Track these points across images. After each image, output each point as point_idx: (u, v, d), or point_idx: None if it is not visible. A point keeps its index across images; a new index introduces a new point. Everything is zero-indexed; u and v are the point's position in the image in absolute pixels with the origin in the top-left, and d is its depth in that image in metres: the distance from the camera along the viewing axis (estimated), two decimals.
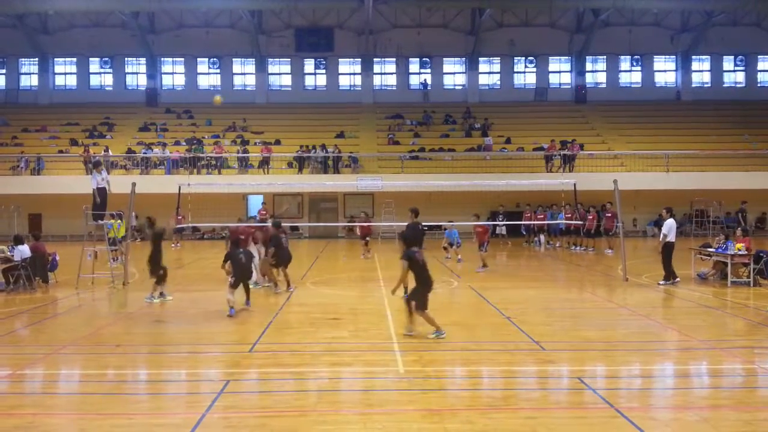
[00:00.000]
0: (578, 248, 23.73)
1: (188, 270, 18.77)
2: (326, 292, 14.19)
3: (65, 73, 38.72)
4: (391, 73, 38.90)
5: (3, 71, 38.51)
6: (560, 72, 39.07)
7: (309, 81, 38.95)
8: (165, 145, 32.22)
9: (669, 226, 14.68)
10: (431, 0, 35.19)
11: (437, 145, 33.27)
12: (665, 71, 39.14)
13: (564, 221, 22.71)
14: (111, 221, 16.38)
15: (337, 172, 30.27)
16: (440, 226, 22.10)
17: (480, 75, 38.60)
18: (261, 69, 38.13)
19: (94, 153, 29.19)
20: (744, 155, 31.23)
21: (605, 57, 38.76)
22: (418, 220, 12.94)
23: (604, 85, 38.94)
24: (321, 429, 5.91)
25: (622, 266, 15.83)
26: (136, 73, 38.86)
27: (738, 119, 35.22)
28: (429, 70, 38.75)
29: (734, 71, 39.26)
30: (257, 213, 25.04)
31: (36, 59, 37.93)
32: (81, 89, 38.33)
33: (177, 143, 32.84)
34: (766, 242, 23.01)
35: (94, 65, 38.63)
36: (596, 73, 39.14)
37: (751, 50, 38.57)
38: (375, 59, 38.16)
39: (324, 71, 38.68)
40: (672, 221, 14.84)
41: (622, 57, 38.78)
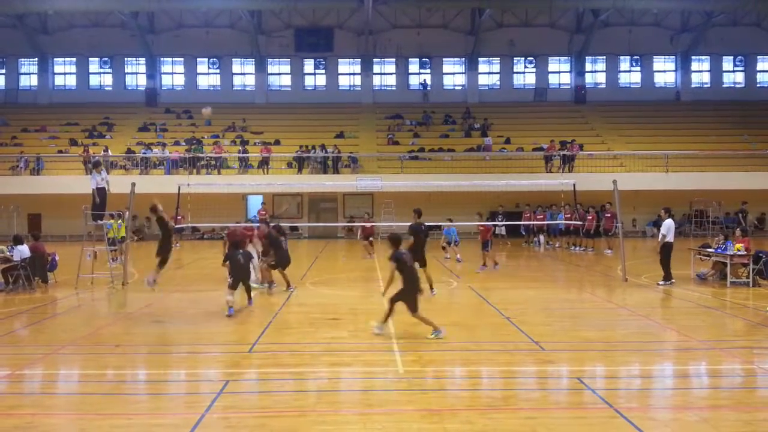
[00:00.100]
0: (578, 248, 23.74)
1: (188, 270, 18.76)
2: (326, 293, 14.18)
3: (65, 73, 38.72)
4: (391, 74, 38.91)
5: (2, 71, 38.51)
6: (560, 72, 39.09)
7: (309, 81, 38.95)
8: (164, 145, 32.24)
9: (668, 227, 14.68)
10: (431, 0, 35.19)
11: (437, 146, 33.28)
12: (665, 71, 39.16)
13: (563, 221, 22.73)
14: (110, 221, 16.38)
15: (337, 173, 30.28)
16: (439, 227, 22.06)
17: (480, 75, 38.61)
18: (261, 69, 38.13)
19: (94, 153, 29.18)
20: (743, 155, 31.23)
21: (605, 57, 38.79)
22: (422, 221, 13.05)
23: (604, 86, 38.97)
24: (320, 429, 5.91)
25: (622, 266, 15.83)
26: (136, 73, 38.87)
27: (737, 119, 35.24)
28: (429, 71, 38.76)
29: (734, 71, 39.29)
30: (257, 213, 25.03)
31: (35, 59, 37.93)
32: (80, 89, 38.33)
33: (176, 143, 32.84)
34: (766, 242, 23.03)
35: (94, 65, 38.64)
36: (596, 74, 39.16)
37: (751, 51, 38.61)
38: (375, 59, 38.18)
39: (324, 71, 38.69)
40: (670, 221, 14.84)
41: (622, 57, 38.81)
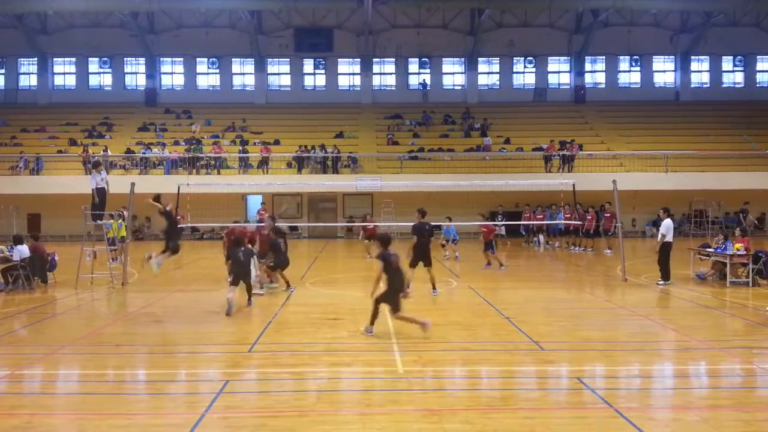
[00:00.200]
0: (577, 248, 23.75)
1: (187, 270, 18.75)
2: (325, 292, 14.19)
3: (64, 73, 38.66)
4: (391, 74, 38.89)
5: (2, 71, 38.43)
6: (559, 72, 39.07)
7: (308, 81, 38.93)
8: (164, 145, 32.22)
9: (667, 227, 14.68)
10: (431, 0, 35.18)
11: (436, 146, 33.27)
12: (664, 71, 39.14)
13: (563, 221, 22.74)
14: (110, 221, 16.38)
15: (336, 173, 30.27)
16: (439, 227, 22.05)
17: (479, 75, 38.59)
18: (260, 69, 38.11)
19: (93, 153, 29.17)
20: (743, 155, 31.20)
21: (604, 57, 38.76)
22: (426, 221, 13.14)
23: (603, 86, 38.94)
24: (320, 429, 5.91)
25: (621, 266, 15.83)
26: (136, 73, 38.82)
27: (737, 120, 35.23)
28: (428, 71, 38.73)
29: (733, 72, 39.28)
30: (256, 213, 25.01)
31: (35, 59, 37.87)
32: (80, 89, 38.27)
33: (176, 143, 32.82)
34: (765, 242, 23.04)
35: (93, 65, 38.58)
36: (595, 74, 39.14)
37: (750, 51, 38.59)
38: (374, 59, 38.15)
39: (323, 71, 38.66)
40: (669, 221, 14.84)
41: (622, 57, 38.79)
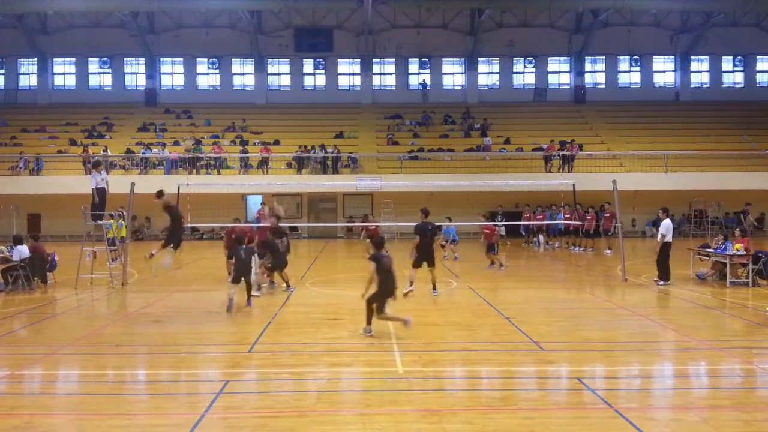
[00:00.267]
0: (577, 248, 23.74)
1: (187, 270, 18.75)
2: (325, 292, 14.19)
3: (64, 73, 38.62)
4: (391, 74, 38.87)
5: (2, 71, 38.39)
6: (559, 72, 39.05)
7: (308, 81, 38.91)
8: (164, 146, 32.21)
9: (666, 227, 14.69)
10: (430, 0, 35.18)
11: (436, 146, 33.26)
12: (664, 72, 39.12)
13: (563, 221, 22.73)
14: (110, 221, 16.37)
15: (336, 173, 30.26)
16: (439, 227, 22.05)
17: (479, 75, 38.57)
18: (260, 69, 38.10)
19: (93, 153, 29.16)
20: (743, 155, 31.19)
21: (604, 57, 38.73)
22: (429, 220, 13.20)
23: (603, 86, 38.92)
24: (320, 429, 5.91)
25: (621, 266, 15.83)
26: (135, 74, 38.79)
27: (737, 120, 35.22)
28: (428, 71, 38.70)
29: (733, 72, 39.26)
30: (256, 213, 24.98)
31: (35, 59, 37.84)
32: (80, 89, 38.24)
33: (176, 143, 32.82)
34: (765, 243, 23.03)
35: (93, 65, 38.54)
36: (595, 74, 39.11)
37: (750, 51, 38.56)
38: (374, 59, 38.13)
39: (323, 71, 38.63)
40: (668, 221, 14.85)
41: (621, 57, 38.75)
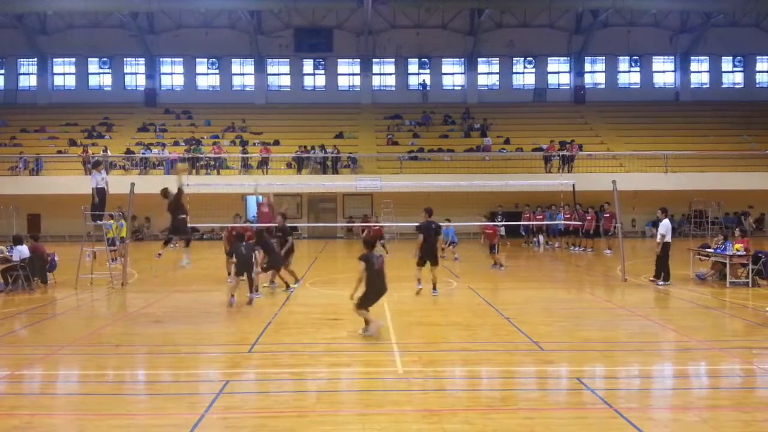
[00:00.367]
0: (577, 249, 23.75)
1: (187, 270, 18.69)
2: (325, 292, 14.19)
3: (64, 74, 38.63)
4: (390, 74, 38.87)
5: (2, 71, 38.40)
6: (559, 72, 39.06)
7: (308, 81, 38.91)
8: (164, 146, 32.21)
9: (666, 227, 14.69)
10: (430, 0, 35.18)
11: (436, 146, 33.27)
12: (664, 72, 39.14)
13: (563, 222, 22.73)
14: (110, 221, 16.36)
15: (336, 173, 30.26)
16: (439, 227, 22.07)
17: (479, 75, 38.57)
18: (260, 69, 38.10)
19: (93, 153, 29.15)
20: (743, 156, 31.18)
21: (604, 58, 38.76)
22: (432, 220, 13.24)
23: (603, 86, 38.93)
24: (320, 429, 5.91)
25: (621, 267, 15.83)
26: (135, 74, 38.79)
27: (737, 120, 35.23)
28: (428, 71, 38.71)
29: (733, 72, 39.28)
30: (256, 206, 24.92)
31: (35, 59, 37.85)
32: (80, 89, 38.25)
33: (176, 143, 32.81)
34: (765, 243, 23.04)
35: (93, 65, 38.55)
36: (595, 74, 39.13)
37: (750, 51, 38.59)
38: (374, 60, 38.14)
39: (323, 72, 38.64)
40: (668, 222, 14.85)
41: (621, 58, 38.77)
